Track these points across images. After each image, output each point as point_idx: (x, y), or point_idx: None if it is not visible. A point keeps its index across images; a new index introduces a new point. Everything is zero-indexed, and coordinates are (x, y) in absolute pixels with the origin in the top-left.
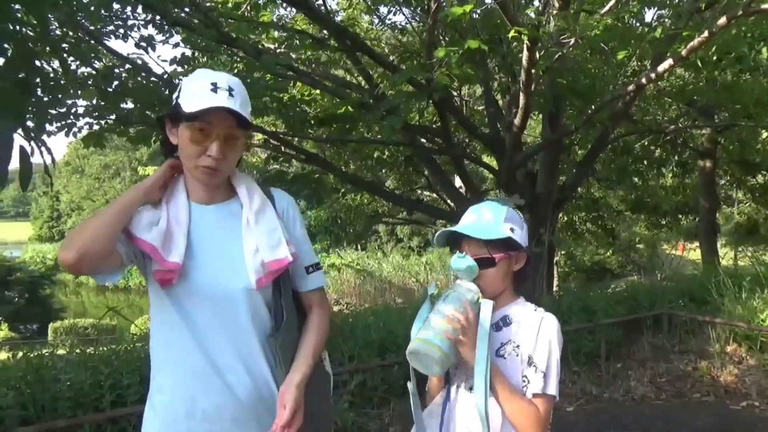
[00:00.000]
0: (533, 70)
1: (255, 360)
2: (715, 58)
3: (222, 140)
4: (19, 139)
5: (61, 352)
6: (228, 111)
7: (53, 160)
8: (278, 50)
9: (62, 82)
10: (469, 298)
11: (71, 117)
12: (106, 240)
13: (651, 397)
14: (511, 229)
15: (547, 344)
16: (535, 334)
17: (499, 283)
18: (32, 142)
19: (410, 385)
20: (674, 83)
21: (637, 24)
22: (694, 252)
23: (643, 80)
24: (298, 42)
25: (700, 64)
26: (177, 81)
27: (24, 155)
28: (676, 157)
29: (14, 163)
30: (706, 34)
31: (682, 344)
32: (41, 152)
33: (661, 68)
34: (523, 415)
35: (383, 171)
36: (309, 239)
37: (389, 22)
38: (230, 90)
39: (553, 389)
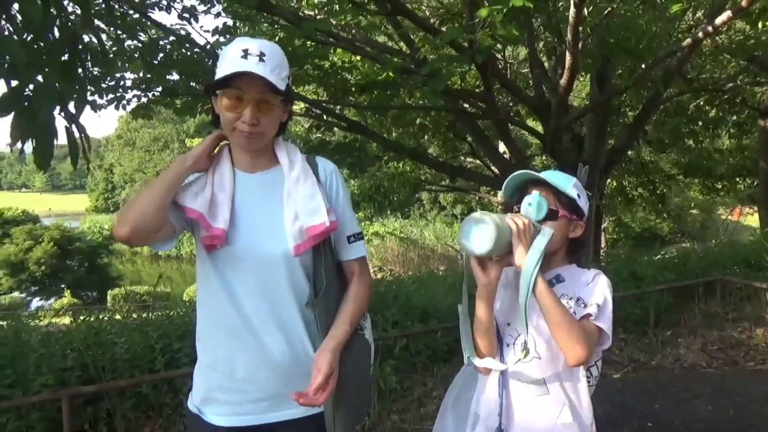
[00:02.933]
0: (580, 28)
1: (293, 325)
2: None
3: (255, 106)
4: (62, 121)
5: (117, 317)
6: (257, 76)
7: (88, 140)
8: (318, 16)
9: (111, 55)
10: (532, 219)
11: (120, 90)
12: (156, 213)
13: (702, 365)
14: (578, 195)
15: (601, 291)
16: (587, 284)
17: (555, 241)
18: (73, 125)
19: (460, 307)
20: (733, 38)
21: None
22: (751, 218)
23: (700, 34)
24: (338, 7)
25: (756, 15)
26: (219, 51)
27: (70, 135)
28: (734, 117)
29: (62, 140)
30: None
31: (736, 311)
32: (80, 135)
33: (718, 20)
34: (562, 320)
35: (426, 137)
36: (352, 209)
37: None
38: (261, 55)
39: (605, 325)
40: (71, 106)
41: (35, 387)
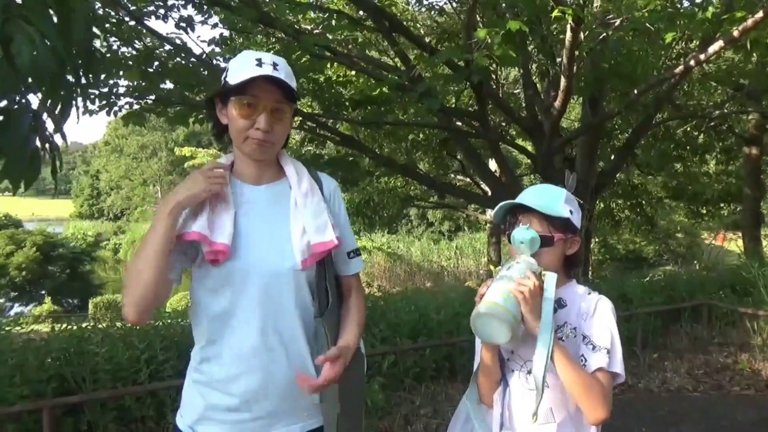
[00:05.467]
0: (576, 52)
1: (295, 341)
2: None
3: (269, 113)
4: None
5: (101, 326)
6: (273, 83)
7: (61, 163)
8: (315, 31)
9: (103, 64)
10: (534, 270)
11: (113, 97)
12: (158, 285)
13: (688, 389)
14: (570, 212)
15: (605, 325)
16: (591, 315)
17: (553, 264)
18: (46, 145)
19: (466, 398)
20: (721, 66)
21: (687, 4)
22: (734, 243)
23: (692, 62)
24: (335, 23)
25: (749, 47)
26: (215, 61)
27: (35, 156)
28: (720, 144)
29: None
30: (761, 14)
31: (722, 336)
32: (53, 156)
33: (711, 49)
34: (583, 387)
35: (417, 154)
36: (350, 225)
37: (426, 2)
38: (275, 65)
39: (618, 368)
40: (49, 123)
41: (10, 398)
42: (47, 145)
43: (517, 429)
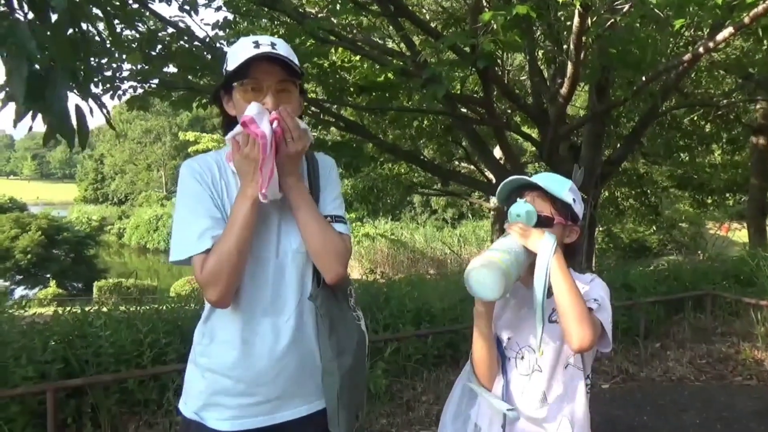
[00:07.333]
0: (583, 38)
1: (303, 323)
2: None
3: (274, 93)
4: (74, 98)
5: (104, 309)
6: (274, 61)
7: (109, 113)
8: (320, 15)
9: (108, 45)
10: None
11: (117, 80)
12: (246, 261)
13: (690, 379)
14: (573, 200)
15: (597, 292)
16: (583, 289)
17: None
18: (90, 101)
19: (471, 384)
20: (730, 55)
21: None
22: (739, 233)
23: (701, 50)
24: (339, 6)
25: (761, 33)
26: (218, 45)
27: (80, 115)
28: (727, 134)
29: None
30: None
31: (725, 326)
32: (101, 109)
33: (720, 36)
34: (574, 302)
35: (421, 141)
36: (341, 196)
37: None
38: (272, 45)
39: (605, 319)
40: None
41: (15, 379)
42: (91, 102)
43: (522, 411)
